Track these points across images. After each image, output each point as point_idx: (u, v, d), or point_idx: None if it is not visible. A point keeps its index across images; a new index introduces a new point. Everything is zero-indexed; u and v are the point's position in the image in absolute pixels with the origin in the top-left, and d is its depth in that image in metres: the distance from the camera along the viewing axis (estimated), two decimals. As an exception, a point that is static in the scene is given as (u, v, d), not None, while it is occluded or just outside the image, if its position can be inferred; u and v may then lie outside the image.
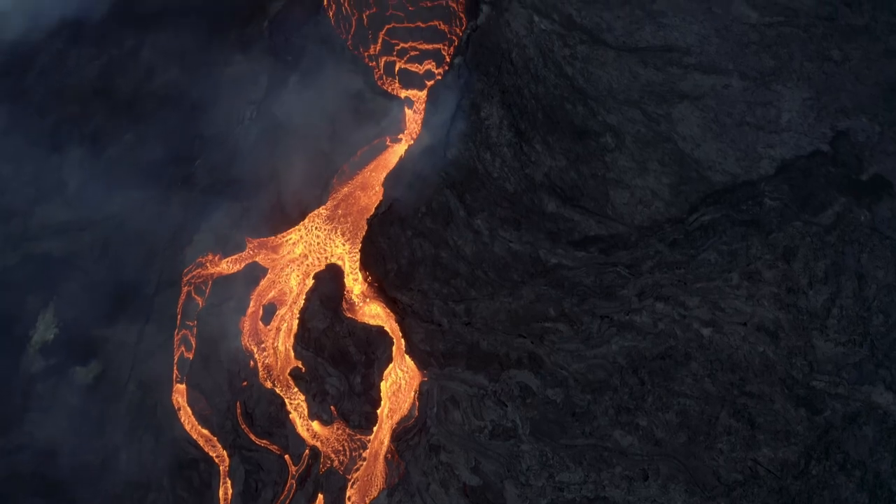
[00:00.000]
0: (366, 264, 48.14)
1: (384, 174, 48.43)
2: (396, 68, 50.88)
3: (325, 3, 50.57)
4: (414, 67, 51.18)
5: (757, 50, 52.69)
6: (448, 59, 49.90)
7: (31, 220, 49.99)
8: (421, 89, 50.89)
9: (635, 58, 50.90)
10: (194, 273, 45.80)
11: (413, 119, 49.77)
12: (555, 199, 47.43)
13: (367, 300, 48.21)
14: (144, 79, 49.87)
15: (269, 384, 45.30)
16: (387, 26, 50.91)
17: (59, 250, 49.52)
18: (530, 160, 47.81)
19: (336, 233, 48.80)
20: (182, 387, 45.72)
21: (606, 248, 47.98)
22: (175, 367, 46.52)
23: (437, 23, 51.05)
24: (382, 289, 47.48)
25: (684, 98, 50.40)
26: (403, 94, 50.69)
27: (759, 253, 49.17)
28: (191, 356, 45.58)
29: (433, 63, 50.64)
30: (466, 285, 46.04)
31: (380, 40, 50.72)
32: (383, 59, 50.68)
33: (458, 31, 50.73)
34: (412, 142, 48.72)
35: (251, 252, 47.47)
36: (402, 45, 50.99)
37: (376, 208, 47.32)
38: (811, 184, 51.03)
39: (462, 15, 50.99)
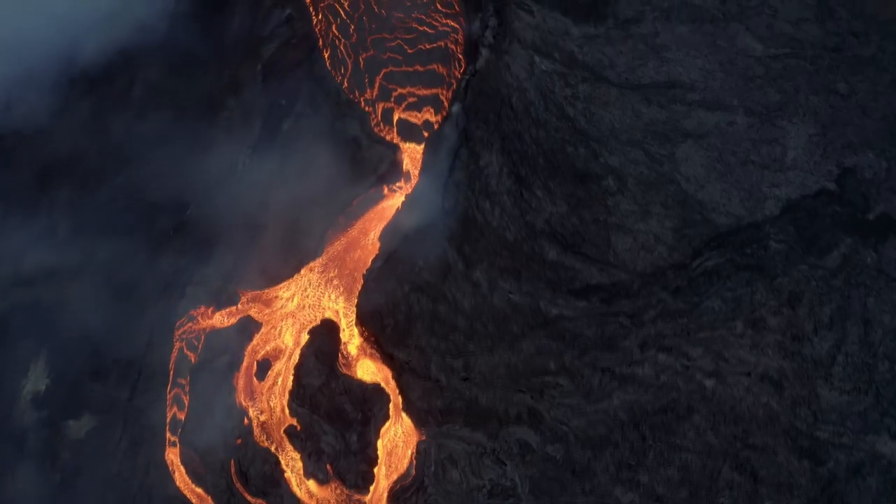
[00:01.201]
0: (362, 320, 47.61)
1: (381, 226, 47.27)
2: (394, 115, 50.01)
3: (321, 43, 48.02)
4: (412, 114, 49.75)
5: (762, 84, 51.29)
6: (446, 105, 47.32)
7: (22, 266, 48.90)
8: (419, 137, 49.01)
9: (638, 95, 49.37)
10: (186, 327, 45.10)
11: (411, 167, 47.84)
12: (556, 246, 46.29)
13: (364, 356, 47.49)
14: (136, 118, 46.41)
15: (263, 442, 44.23)
16: (384, 70, 49.26)
17: (50, 297, 48.67)
18: (531, 207, 46.41)
19: (331, 287, 47.88)
20: (175, 443, 43.11)
21: (608, 297, 47.14)
22: (168, 425, 45.73)
23: (435, 66, 49.45)
24: (379, 345, 47.06)
25: (688, 137, 48.92)
26: (401, 141, 47.80)
27: (764, 299, 48.30)
28: (184, 415, 44.51)
29: (431, 109, 49.29)
30: (465, 339, 45.19)
31: (377, 85, 48.97)
32: (381, 105, 49.23)
33: (456, 73, 49.06)
34: (410, 191, 46.78)
35: (244, 305, 46.79)
36: (399, 90, 49.48)
37: (372, 262, 46.65)
38: (817, 225, 50.31)
39: (461, 56, 49.43)
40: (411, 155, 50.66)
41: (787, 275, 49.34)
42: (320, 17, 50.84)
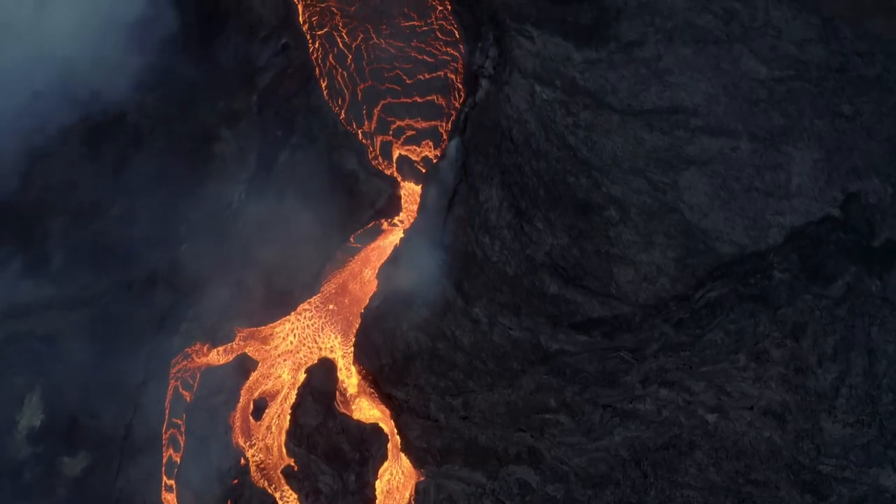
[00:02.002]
0: (360, 358, 47.37)
1: (379, 262, 46.59)
2: (392, 149, 49.09)
3: (317, 73, 46.56)
4: (411, 149, 48.58)
5: (766, 108, 50.46)
6: (445, 139, 45.93)
7: (16, 297, 47.76)
8: (418, 171, 48.23)
9: (641, 122, 48.27)
10: (181, 365, 44.48)
11: (409, 201, 46.34)
12: (557, 279, 45.48)
13: (362, 396, 47.12)
14: (131, 148, 45.06)
15: (260, 482, 43.26)
16: (382, 101, 48.16)
17: (44, 329, 47.87)
18: (531, 240, 45.44)
19: (329, 325, 47.26)
20: (171, 485, 43.32)
21: (610, 330, 46.34)
22: (164, 467, 45.51)
23: (434, 97, 48.43)
24: (377, 384, 46.77)
25: (691, 164, 48.00)
26: (399, 175, 46.54)
27: (767, 331, 48.01)
28: (179, 456, 44.30)
29: (430, 143, 48.37)
30: (464, 377, 44.52)
31: (375, 117, 47.82)
32: (379, 138, 48.44)
33: (456, 104, 47.86)
34: (408, 226, 45.40)
35: (241, 343, 46.13)
36: (398, 122, 48.56)
37: (370, 300, 45.91)
38: (821, 253, 49.89)
39: (460, 86, 47.97)
40: (410, 189, 49.70)
41: (790, 305, 48.71)
42: (317, 45, 49.37)
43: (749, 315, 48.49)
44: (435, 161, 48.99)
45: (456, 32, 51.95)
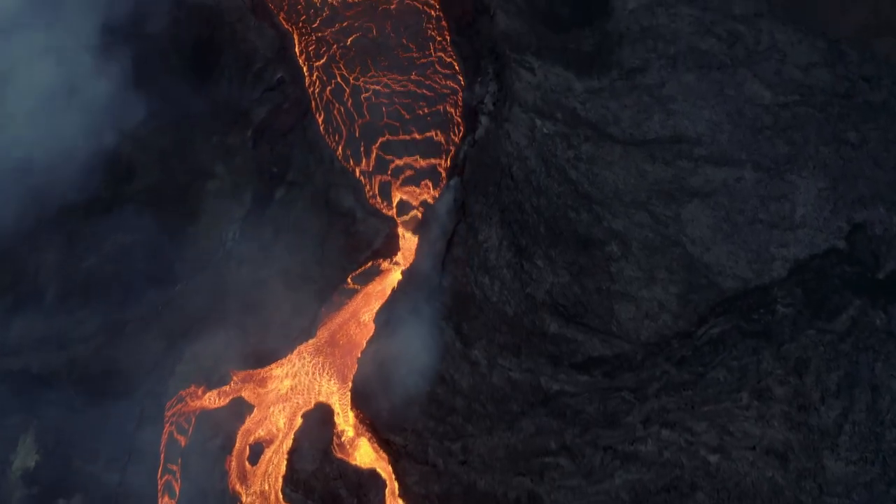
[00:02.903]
0: (357, 403, 47.08)
1: (377, 304, 45.74)
2: (391, 189, 47.37)
3: (314, 106, 44.98)
4: (410, 189, 46.64)
5: (771, 135, 49.54)
6: (444, 177, 44.50)
7: (10, 333, 47.19)
8: (416, 211, 45.65)
9: (643, 152, 47.33)
10: (176, 408, 44.21)
11: (408, 241, 45.14)
12: (557, 318, 44.97)
13: (359, 441, 47.14)
14: (125, 179, 43.61)
15: (256, 528, 41.45)
16: (380, 139, 47.18)
17: (38, 367, 47.16)
18: (531, 278, 44.69)
19: (325, 369, 46.92)
20: None
21: (611, 369, 45.90)
22: None
23: (433, 133, 47.00)
24: (375, 429, 46.43)
25: (694, 196, 47.09)
26: (397, 214, 45.14)
27: (771, 367, 47.42)
28: (175, 501, 44.67)
29: (430, 183, 47.08)
30: (463, 421, 44.18)
31: (373, 155, 46.28)
32: (377, 178, 47.64)
33: (455, 139, 46.17)
34: (406, 267, 43.93)
35: (236, 386, 45.81)
36: (396, 161, 47.81)
37: (368, 344, 45.36)
38: (825, 286, 49.27)
39: (459, 119, 46.23)
40: (408, 229, 47.54)
41: (794, 341, 47.98)
42: (314, 77, 48.02)
43: (752, 352, 47.72)
44: (434, 201, 47.07)
45: (455, 64, 50.75)
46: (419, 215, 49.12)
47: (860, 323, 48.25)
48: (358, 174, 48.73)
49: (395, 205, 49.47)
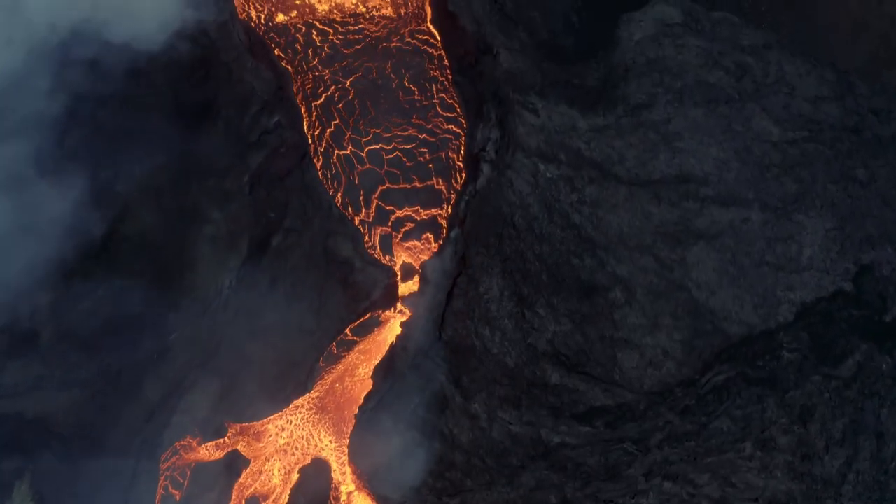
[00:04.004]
0: (354, 459, 46.60)
1: (375, 357, 45.12)
2: (391, 242, 45.82)
3: (312, 149, 43.25)
4: (410, 243, 45.31)
5: (778, 173, 48.31)
6: (445, 228, 42.93)
7: (4, 376, 45.19)
8: (416, 263, 44.63)
9: (649, 193, 46.11)
10: (171, 461, 43.44)
11: (407, 292, 43.39)
12: (559, 368, 44.24)
13: (357, 498, 46.82)
14: (118, 219, 41.88)
15: (252, 587, 40.70)
16: (381, 187, 45.59)
17: (34, 412, 45.66)
18: (533, 328, 43.59)
19: (322, 423, 46.73)
20: None
21: (613, 420, 45.45)
22: None
23: (434, 181, 45.43)
24: (372, 485, 45.98)
25: (700, 238, 45.96)
26: (396, 265, 43.61)
27: (775, 416, 46.80)
28: None
29: (431, 236, 44.84)
30: (462, 476, 43.94)
31: (373, 205, 44.27)
32: (378, 230, 46.29)
33: (456, 186, 44.22)
34: (405, 319, 42.69)
35: (232, 438, 45.30)
36: (397, 212, 46.28)
37: (365, 399, 43.85)
38: (832, 330, 48.54)
39: (461, 165, 44.63)
40: (407, 280, 45.94)
41: (799, 388, 47.07)
42: (313, 118, 46.44)
43: (756, 400, 46.86)
44: (434, 253, 45.48)
45: (457, 106, 48.43)
46: (419, 267, 47.20)
47: (866, 368, 47.47)
48: (357, 223, 47.11)
49: (394, 257, 47.63)
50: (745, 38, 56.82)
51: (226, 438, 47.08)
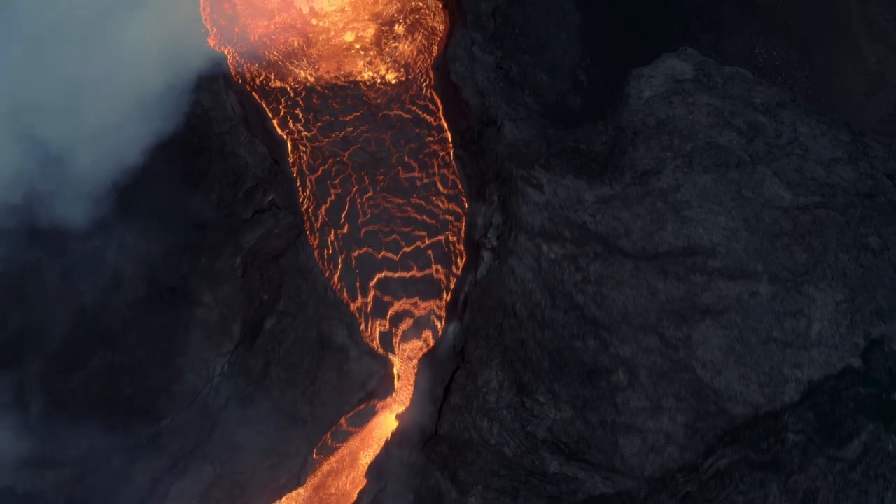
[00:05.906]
0: None
1: (370, 451, 42.97)
2: (389, 338, 43.43)
3: (307, 227, 41.14)
4: (409, 342, 43.57)
5: (789, 243, 46.47)
6: (444, 319, 40.59)
7: (-6, 445, 44.67)
8: (413, 355, 42.07)
9: (655, 268, 44.44)
10: None
11: (404, 381, 41.20)
12: (558, 456, 43.11)
13: None
14: (111, 289, 39.99)
15: None
16: (378, 275, 42.37)
17: (24, 488, 44.63)
18: (532, 415, 42.20)
19: None
20: None
21: None
22: None
23: (434, 269, 42.56)
24: None
25: (706, 314, 44.37)
26: (393, 356, 41.25)
27: (778, 502, 45.42)
28: None
29: (429, 332, 42.99)
30: None
31: (370, 294, 42.13)
32: (377, 324, 43.88)
33: (456, 272, 41.51)
34: (401, 411, 40.80)
35: None
36: (396, 305, 43.99)
37: (359, 496, 40.55)
38: (838, 410, 47.25)
39: (461, 248, 41.78)
40: (404, 370, 43.85)
41: (803, 471, 45.65)
42: (308, 193, 44.17)
43: (759, 485, 45.52)
44: (432, 347, 43.12)
45: (458, 183, 45.51)
46: (417, 362, 44.86)
47: (872, 449, 46.01)
48: (353, 309, 44.45)
49: (392, 351, 45.20)
50: (759, 95, 54.08)
51: (216, 530, 44.92)
